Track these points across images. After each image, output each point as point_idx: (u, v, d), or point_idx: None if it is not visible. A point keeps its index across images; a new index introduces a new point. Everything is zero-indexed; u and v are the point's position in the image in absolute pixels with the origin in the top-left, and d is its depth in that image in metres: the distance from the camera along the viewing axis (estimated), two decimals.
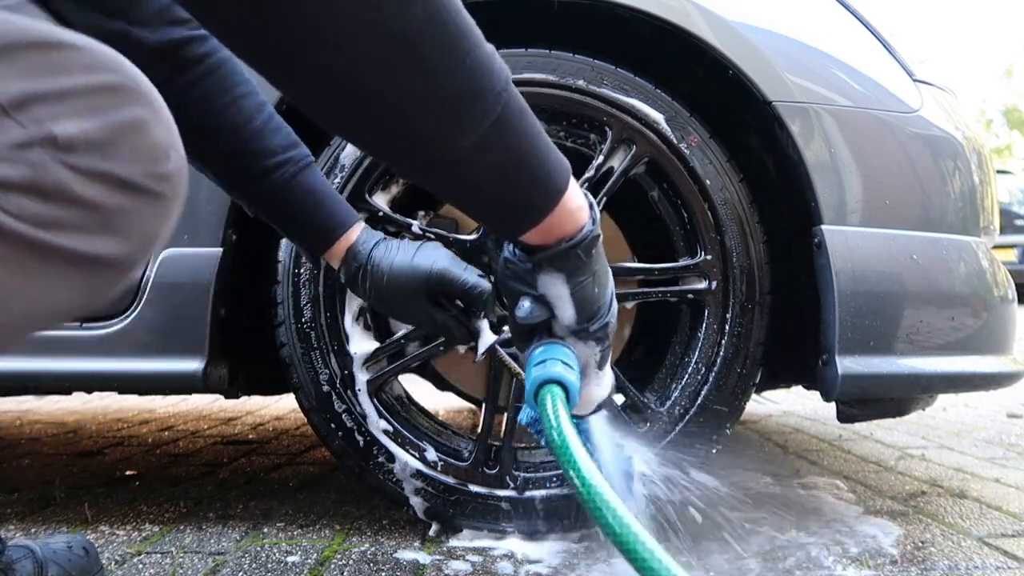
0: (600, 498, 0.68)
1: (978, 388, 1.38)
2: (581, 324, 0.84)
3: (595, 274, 0.82)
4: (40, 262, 0.54)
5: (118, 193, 0.56)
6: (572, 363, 0.85)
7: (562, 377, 0.80)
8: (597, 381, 0.90)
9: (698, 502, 1.13)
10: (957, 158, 1.34)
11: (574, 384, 0.81)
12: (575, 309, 0.83)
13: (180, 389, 1.33)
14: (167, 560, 1.20)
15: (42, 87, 0.54)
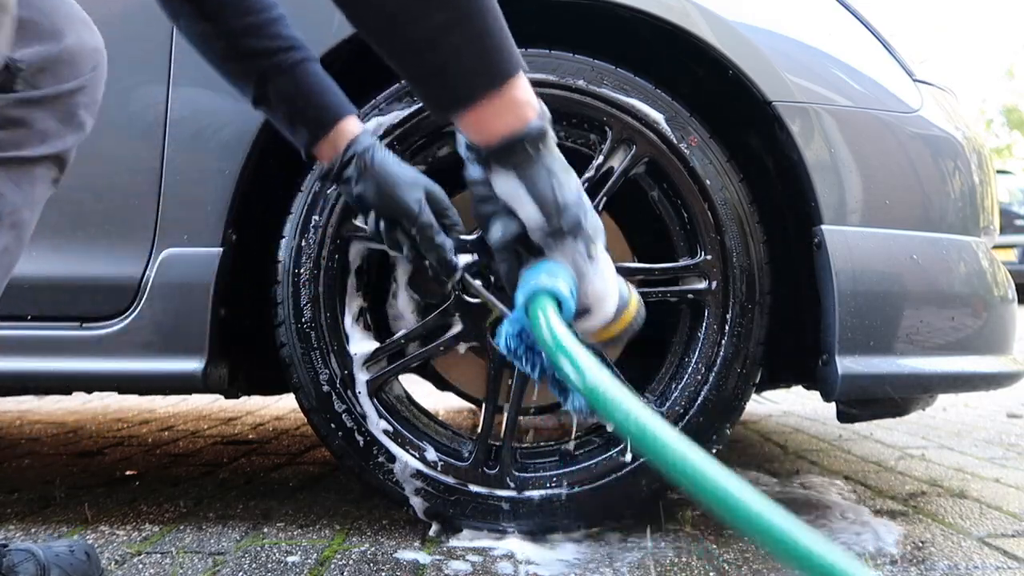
0: (604, 389, 0.63)
1: (978, 388, 1.38)
2: (552, 224, 0.83)
3: (549, 170, 0.82)
4: None
5: None
6: (559, 273, 0.82)
7: (548, 287, 0.79)
8: (596, 275, 0.87)
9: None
10: (957, 158, 1.34)
11: (561, 291, 0.79)
12: (537, 207, 0.82)
13: (180, 389, 1.33)
14: (167, 560, 1.20)
15: None
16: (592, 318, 0.89)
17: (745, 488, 0.52)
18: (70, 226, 1.29)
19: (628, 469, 1.30)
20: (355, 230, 1.30)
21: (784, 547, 0.49)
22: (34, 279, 1.29)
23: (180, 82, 1.28)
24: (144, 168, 1.28)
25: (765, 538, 0.50)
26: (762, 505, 0.51)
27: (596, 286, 0.87)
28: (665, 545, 1.27)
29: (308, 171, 1.30)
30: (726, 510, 0.52)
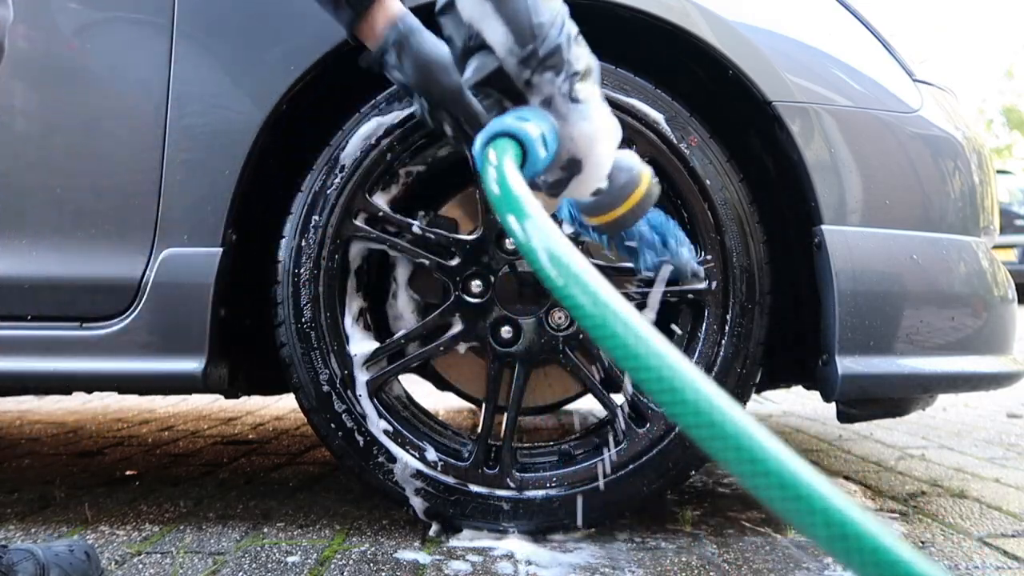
0: (557, 253, 0.53)
1: (978, 388, 1.38)
2: (525, 48, 0.74)
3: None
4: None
5: None
6: (530, 116, 0.73)
7: (508, 127, 0.68)
8: (582, 118, 0.77)
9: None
10: (957, 158, 1.34)
11: (525, 133, 0.68)
12: (506, 27, 0.75)
13: (180, 389, 1.33)
14: (167, 560, 1.20)
15: None
16: (585, 176, 0.80)
17: (717, 394, 0.45)
18: (70, 226, 1.29)
19: (628, 470, 1.30)
20: (355, 230, 1.30)
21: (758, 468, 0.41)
22: (34, 279, 1.29)
23: (180, 82, 1.28)
24: (144, 168, 1.28)
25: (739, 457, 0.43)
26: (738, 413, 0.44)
27: (582, 130, 0.77)
28: (665, 545, 1.27)
29: (308, 171, 1.30)
30: (689, 414, 0.45)
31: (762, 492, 0.41)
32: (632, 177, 0.89)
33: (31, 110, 1.32)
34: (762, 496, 0.41)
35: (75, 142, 1.30)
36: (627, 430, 1.31)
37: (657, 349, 0.46)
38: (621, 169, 0.88)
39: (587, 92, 0.79)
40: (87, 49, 1.31)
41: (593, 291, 0.49)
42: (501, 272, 1.32)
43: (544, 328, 1.32)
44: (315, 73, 1.27)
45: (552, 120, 0.76)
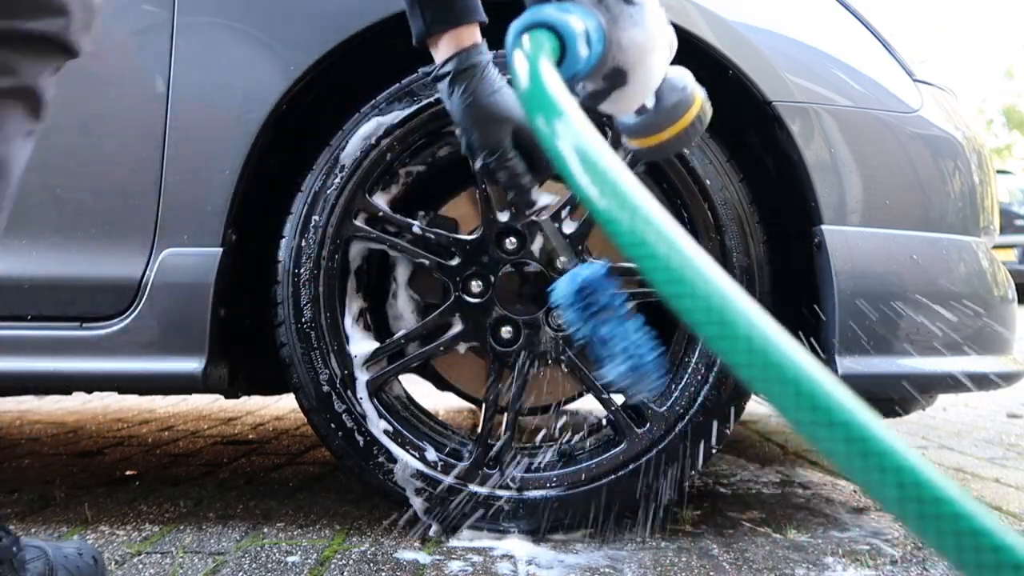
0: (591, 154, 0.45)
1: (978, 388, 1.38)
2: None
3: None
4: None
5: None
6: (575, 9, 0.64)
7: (548, 18, 0.59)
8: (633, 23, 0.67)
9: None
10: (957, 158, 1.34)
11: (567, 26, 0.59)
12: None
13: (180, 389, 1.33)
14: (167, 560, 1.20)
15: None
16: (629, 90, 0.71)
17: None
18: (70, 226, 1.29)
19: (628, 469, 1.30)
20: (355, 230, 1.30)
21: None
22: (34, 279, 1.29)
23: (180, 82, 1.28)
24: (144, 168, 1.28)
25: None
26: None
27: (632, 37, 0.67)
28: (665, 545, 1.27)
29: (308, 171, 1.30)
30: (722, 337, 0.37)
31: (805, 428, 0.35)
32: (684, 97, 0.79)
33: None
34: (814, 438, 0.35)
35: (75, 142, 1.30)
36: (627, 430, 1.31)
37: (708, 277, 0.38)
38: (673, 88, 0.79)
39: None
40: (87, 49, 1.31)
41: (633, 206, 0.40)
42: (501, 272, 1.32)
43: (544, 328, 1.32)
44: (315, 73, 1.27)
45: (600, 19, 0.66)
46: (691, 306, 0.38)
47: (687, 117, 0.79)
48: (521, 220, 1.07)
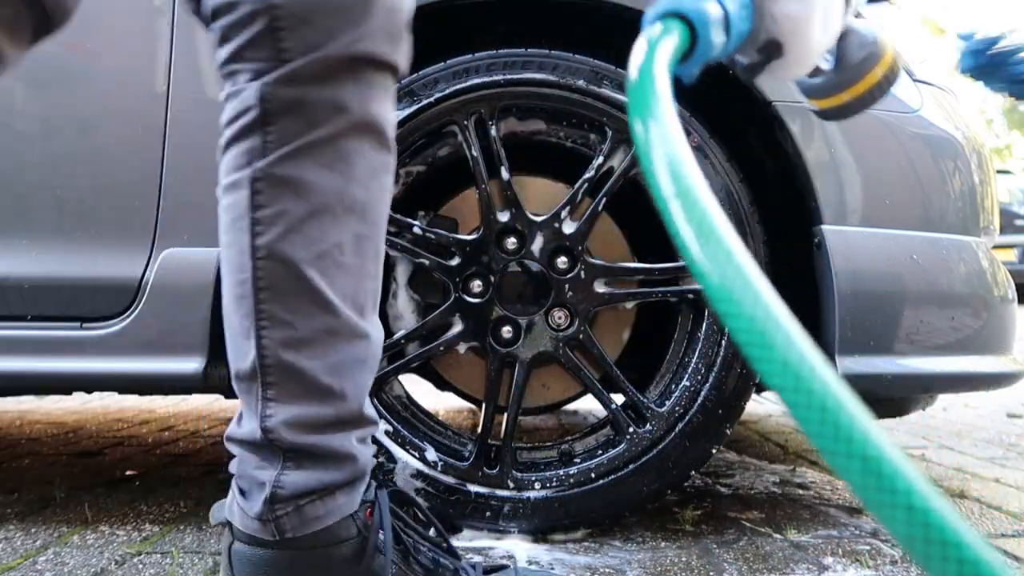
0: (674, 164, 0.44)
1: (978, 388, 1.38)
2: None
3: None
4: None
5: None
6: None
7: (682, 6, 0.54)
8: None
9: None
10: (957, 158, 1.34)
11: (701, 14, 0.55)
12: None
13: (180, 389, 1.33)
14: (167, 560, 1.20)
15: None
16: (788, 59, 0.64)
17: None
18: (70, 226, 1.29)
19: (628, 470, 1.30)
20: None
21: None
22: (34, 279, 1.29)
23: (180, 81, 1.28)
24: (144, 168, 1.28)
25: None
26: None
27: (785, 9, 0.61)
28: (665, 545, 1.27)
29: None
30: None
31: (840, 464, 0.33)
32: (872, 52, 0.71)
33: (31, 110, 1.32)
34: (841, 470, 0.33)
35: (75, 142, 1.30)
36: (627, 430, 1.31)
37: (787, 334, 0.35)
38: (861, 42, 0.71)
39: None
40: (87, 48, 1.31)
41: (712, 229, 0.37)
42: (501, 272, 1.32)
43: (544, 328, 1.32)
44: None
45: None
46: (766, 359, 0.34)
47: (873, 75, 0.71)
48: None
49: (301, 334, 0.78)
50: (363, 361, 0.82)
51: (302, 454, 0.79)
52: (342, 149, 0.77)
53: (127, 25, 1.31)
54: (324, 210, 0.77)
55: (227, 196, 0.80)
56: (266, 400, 0.79)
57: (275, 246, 0.76)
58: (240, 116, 0.78)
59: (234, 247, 0.80)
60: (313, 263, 0.77)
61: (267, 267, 0.77)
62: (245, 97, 0.77)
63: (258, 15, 0.73)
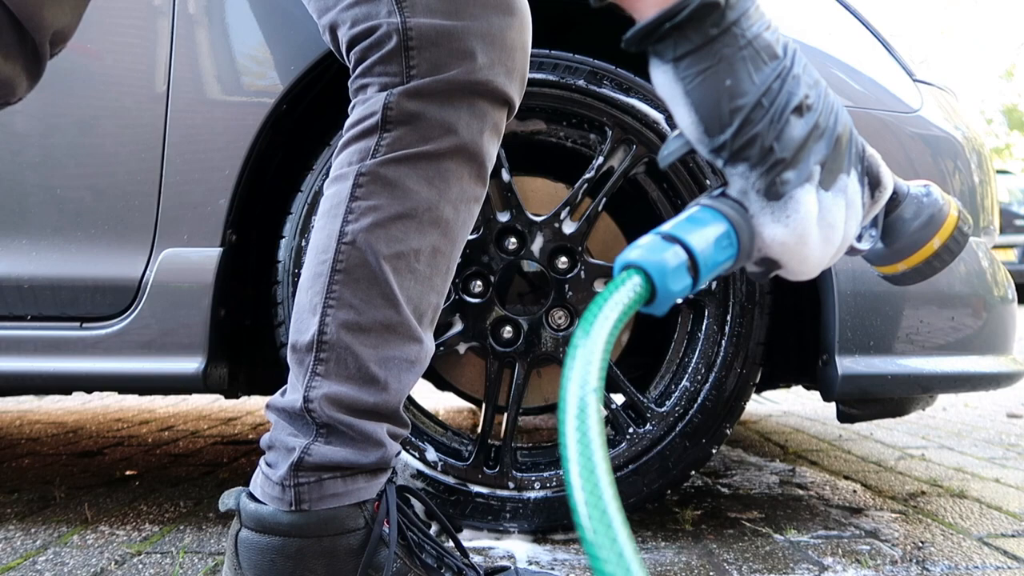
0: (590, 470, 0.44)
1: (978, 388, 1.38)
2: (713, 138, 0.59)
3: (726, 66, 0.58)
4: None
5: None
6: (705, 221, 0.58)
7: (644, 260, 0.53)
8: (773, 217, 0.60)
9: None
10: (957, 158, 1.34)
11: (660, 266, 0.53)
12: (695, 115, 0.59)
13: (180, 389, 1.33)
14: (167, 560, 1.20)
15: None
16: (788, 271, 0.64)
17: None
18: (70, 226, 1.29)
19: (628, 470, 1.30)
20: None
21: None
22: (34, 279, 1.29)
23: (180, 81, 1.28)
24: (144, 168, 1.28)
25: None
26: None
27: (773, 234, 0.60)
28: (665, 545, 1.27)
29: (308, 171, 1.30)
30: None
31: None
32: (933, 216, 0.67)
33: (31, 110, 1.32)
34: None
35: (75, 142, 1.30)
36: (627, 430, 1.31)
37: None
38: (919, 207, 0.68)
39: (792, 184, 0.60)
40: (87, 48, 1.31)
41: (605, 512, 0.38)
42: (501, 272, 1.32)
43: (544, 328, 1.32)
44: (315, 72, 1.27)
45: (736, 219, 0.60)
46: None
47: (929, 246, 0.67)
48: None
49: (363, 320, 0.83)
50: (412, 363, 0.86)
51: (335, 431, 0.83)
52: (443, 168, 0.84)
53: (127, 25, 1.31)
54: (412, 216, 0.83)
55: (332, 187, 0.86)
56: (314, 374, 0.83)
57: (361, 235, 0.82)
58: (363, 120, 0.84)
59: (324, 231, 0.85)
60: (390, 260, 0.83)
61: (348, 252, 0.83)
62: (371, 104, 0.83)
63: (393, 35, 0.81)
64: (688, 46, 0.58)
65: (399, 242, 0.83)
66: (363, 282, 0.82)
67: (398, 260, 0.83)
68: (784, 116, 0.60)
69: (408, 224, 0.83)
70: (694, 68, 0.58)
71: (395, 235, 0.83)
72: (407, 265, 0.83)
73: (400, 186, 0.83)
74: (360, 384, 0.83)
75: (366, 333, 0.83)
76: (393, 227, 0.83)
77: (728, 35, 0.58)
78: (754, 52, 0.59)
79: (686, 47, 0.58)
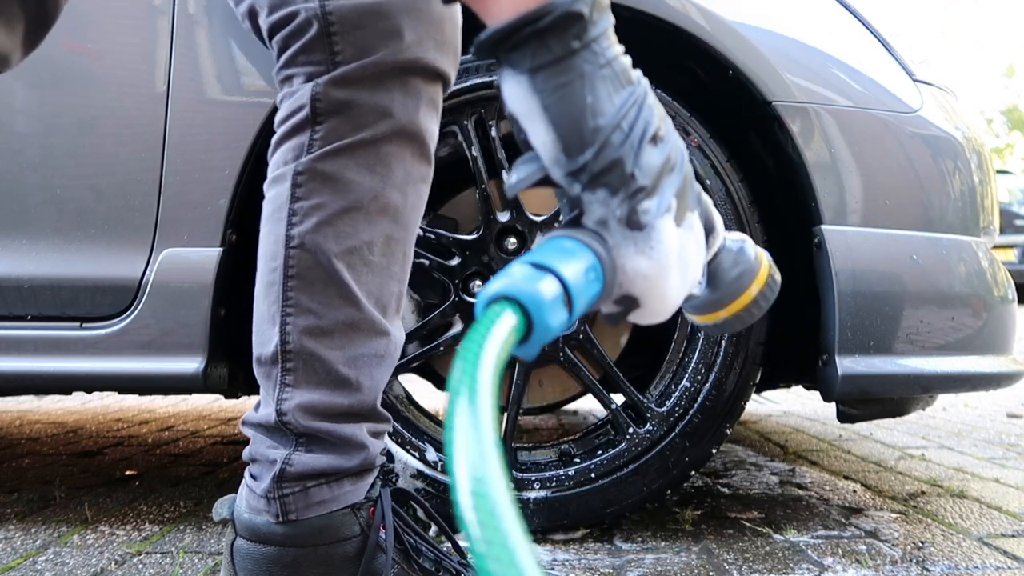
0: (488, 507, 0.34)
1: (978, 388, 1.38)
2: (572, 159, 0.56)
3: (585, 82, 0.55)
4: None
5: None
6: (573, 248, 0.55)
7: (517, 290, 0.47)
8: (637, 248, 0.57)
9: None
10: (957, 158, 1.34)
11: (535, 298, 0.47)
12: (553, 132, 0.56)
13: (180, 389, 1.33)
14: (167, 560, 1.20)
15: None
16: (645, 312, 0.61)
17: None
18: (70, 226, 1.29)
19: (628, 470, 1.30)
20: None
21: None
22: (34, 279, 1.29)
23: (180, 81, 1.28)
24: (144, 168, 1.28)
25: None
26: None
27: (636, 266, 0.58)
28: (665, 545, 1.27)
29: None
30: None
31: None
32: (746, 269, 0.69)
33: (31, 110, 1.32)
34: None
35: (75, 142, 1.30)
36: (627, 430, 1.31)
37: None
38: (733, 261, 0.69)
39: (653, 214, 0.57)
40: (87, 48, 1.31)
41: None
42: None
43: None
44: None
45: (600, 251, 0.57)
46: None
47: (748, 293, 0.68)
48: None
49: (324, 323, 0.80)
50: (381, 357, 0.84)
51: (314, 439, 0.81)
52: (383, 153, 0.80)
53: (127, 25, 1.31)
54: (358, 208, 0.80)
55: (271, 189, 0.83)
56: (284, 385, 0.81)
57: (308, 236, 0.79)
58: (292, 115, 0.81)
59: (270, 236, 0.82)
60: (342, 257, 0.80)
61: (298, 256, 0.80)
62: (298, 97, 0.80)
63: (313, 21, 0.77)
64: (548, 56, 0.54)
65: (349, 237, 0.80)
66: (318, 284, 0.80)
67: (351, 256, 0.80)
68: (643, 143, 0.57)
69: (355, 217, 0.80)
70: (553, 81, 0.55)
71: (344, 231, 0.80)
72: (361, 259, 0.81)
73: (341, 179, 0.80)
74: (332, 388, 0.81)
75: (330, 336, 0.80)
76: (340, 223, 0.80)
77: (588, 51, 0.55)
78: (613, 73, 0.56)
79: (546, 57, 0.54)
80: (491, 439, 0.37)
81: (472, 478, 0.35)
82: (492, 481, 0.35)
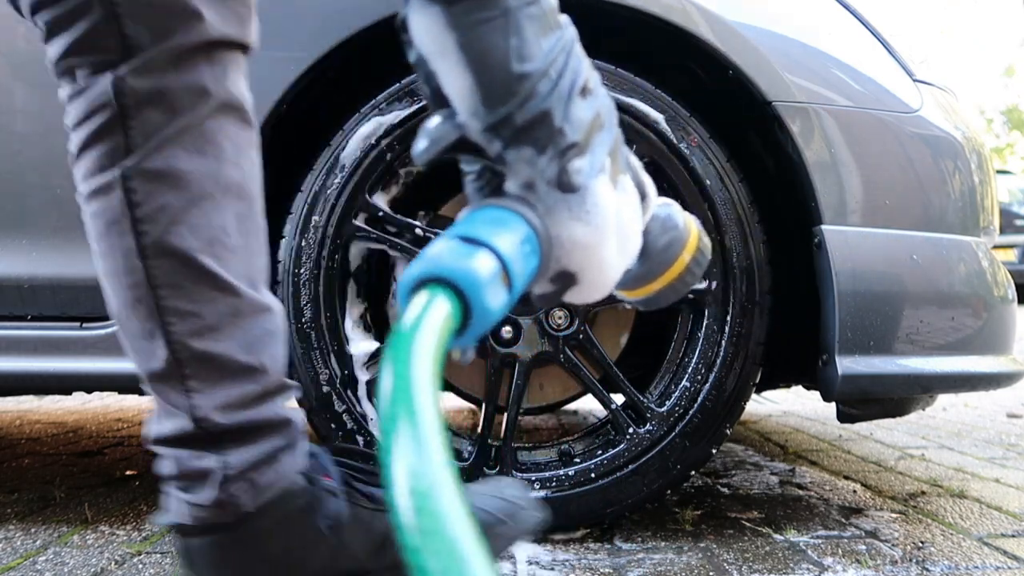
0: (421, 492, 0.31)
1: (978, 388, 1.38)
2: (493, 109, 0.50)
3: (508, 13, 0.49)
4: None
5: None
6: (506, 217, 0.49)
7: (447, 270, 0.41)
8: (572, 213, 0.52)
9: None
10: (957, 158, 1.34)
11: (470, 277, 0.41)
12: (472, 76, 0.49)
13: None
14: (167, 560, 1.20)
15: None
16: (583, 289, 0.56)
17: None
18: (70, 226, 1.29)
19: (628, 470, 1.30)
20: (355, 230, 1.30)
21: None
22: (34, 279, 1.29)
23: None
24: None
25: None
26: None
27: (572, 234, 0.52)
28: (665, 545, 1.27)
29: (308, 171, 1.30)
30: None
31: None
32: (675, 236, 0.64)
33: (31, 110, 1.32)
34: None
35: None
36: (627, 430, 1.31)
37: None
38: (662, 227, 0.64)
39: (586, 173, 0.52)
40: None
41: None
42: None
43: (544, 328, 1.32)
44: (315, 73, 1.27)
45: (533, 220, 0.50)
46: None
47: (682, 259, 0.64)
48: None
49: (209, 321, 0.76)
50: (272, 333, 0.81)
51: (240, 432, 0.78)
52: (208, 132, 0.75)
53: None
54: (203, 196, 0.75)
55: (94, 202, 0.77)
56: (189, 392, 0.77)
57: (164, 241, 0.74)
58: (93, 115, 0.73)
59: (116, 252, 0.76)
60: (205, 250, 0.75)
61: (160, 264, 0.74)
62: (95, 95, 0.72)
63: (93, 4, 0.69)
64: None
65: (204, 228, 0.75)
66: (190, 285, 0.75)
67: (212, 246, 0.75)
68: (572, 94, 0.51)
69: (203, 206, 0.75)
70: (473, 16, 0.48)
71: (197, 224, 0.75)
72: (222, 246, 0.76)
73: (175, 173, 0.74)
74: (239, 379, 0.77)
75: (218, 330, 0.77)
76: (191, 217, 0.74)
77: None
78: (540, 12, 0.50)
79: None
80: (440, 458, 0.32)
81: (422, 529, 0.31)
82: (451, 521, 0.31)
